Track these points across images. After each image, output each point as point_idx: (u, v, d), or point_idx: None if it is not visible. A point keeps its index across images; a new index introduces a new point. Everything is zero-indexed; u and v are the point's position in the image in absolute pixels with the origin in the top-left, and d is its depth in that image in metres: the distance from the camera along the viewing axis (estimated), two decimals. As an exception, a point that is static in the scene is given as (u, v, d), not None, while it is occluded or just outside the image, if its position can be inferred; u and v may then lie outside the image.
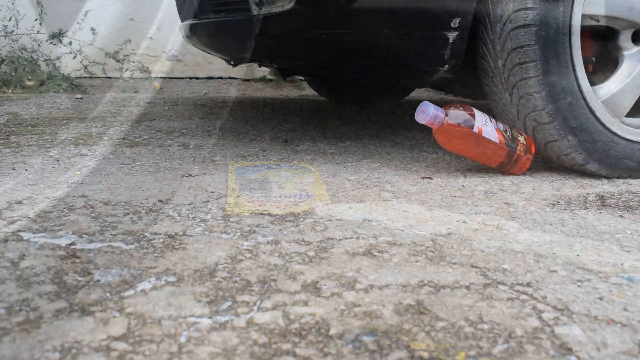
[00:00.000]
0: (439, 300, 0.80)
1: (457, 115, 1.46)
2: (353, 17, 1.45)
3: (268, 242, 1.00)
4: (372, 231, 1.08)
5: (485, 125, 1.46)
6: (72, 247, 0.95)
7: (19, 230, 1.02)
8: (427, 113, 1.44)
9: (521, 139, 1.53)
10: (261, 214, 1.17)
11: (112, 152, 1.74)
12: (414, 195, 1.37)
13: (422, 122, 1.44)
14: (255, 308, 0.75)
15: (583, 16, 1.47)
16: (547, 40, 1.44)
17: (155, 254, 0.93)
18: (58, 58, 3.81)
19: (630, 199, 1.40)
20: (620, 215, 1.25)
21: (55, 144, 1.85)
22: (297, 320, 0.73)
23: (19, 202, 1.19)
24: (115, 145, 1.85)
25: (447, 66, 1.50)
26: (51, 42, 3.81)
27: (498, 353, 0.67)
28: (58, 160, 1.62)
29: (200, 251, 0.95)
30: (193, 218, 1.12)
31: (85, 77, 4.09)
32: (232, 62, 2.09)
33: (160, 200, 1.24)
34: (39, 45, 3.89)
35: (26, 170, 1.49)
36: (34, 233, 1.01)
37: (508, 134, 1.51)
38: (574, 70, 1.48)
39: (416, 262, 0.94)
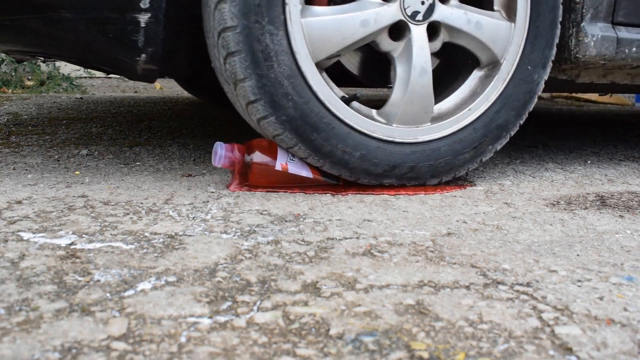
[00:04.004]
0: (439, 300, 0.80)
1: (255, 154, 1.32)
2: (31, 1, 1.23)
3: (268, 242, 1.00)
4: (372, 231, 1.08)
5: (291, 162, 1.33)
6: (72, 247, 0.95)
7: (19, 230, 1.02)
8: (220, 157, 1.31)
9: None
10: (261, 214, 1.17)
11: (112, 152, 1.74)
12: (413, 195, 1.37)
13: (218, 165, 1.31)
14: (255, 308, 0.75)
15: (318, 64, 1.28)
16: (295, 123, 1.26)
17: (155, 254, 0.93)
18: (58, 58, 3.81)
19: (630, 199, 1.40)
20: (620, 215, 1.25)
21: (55, 144, 1.85)
22: (297, 320, 0.73)
23: (19, 202, 1.19)
24: (115, 145, 1.85)
25: (144, 55, 1.27)
26: (51, 42, 3.80)
27: (498, 353, 0.67)
28: (58, 160, 1.62)
29: (200, 251, 0.95)
30: (193, 218, 1.12)
31: (85, 77, 4.09)
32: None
33: (160, 200, 1.24)
34: (39, 45, 3.89)
35: (26, 170, 1.49)
36: (34, 233, 1.01)
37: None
38: (346, 125, 1.30)
39: (416, 262, 0.94)
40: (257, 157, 1.31)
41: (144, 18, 1.23)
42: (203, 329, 0.70)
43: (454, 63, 1.53)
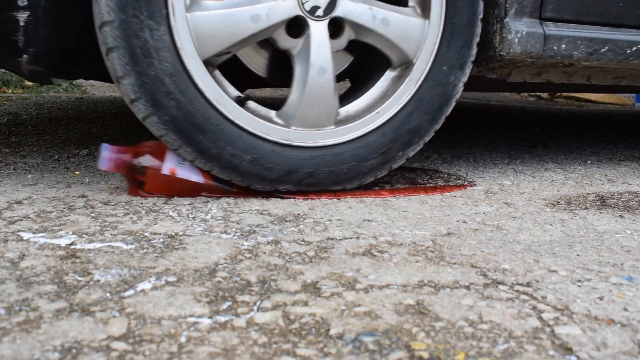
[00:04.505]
0: (439, 300, 0.80)
1: (144, 157, 1.24)
2: None
3: (268, 242, 1.00)
4: (372, 231, 1.08)
5: (180, 166, 1.24)
6: (72, 247, 0.95)
7: (19, 230, 1.02)
8: (103, 159, 1.23)
9: None
10: (261, 214, 1.17)
11: (112, 152, 1.74)
12: (413, 195, 1.37)
13: (102, 168, 1.23)
14: (255, 308, 0.75)
15: (207, 61, 1.19)
16: (178, 124, 1.18)
17: (155, 254, 0.93)
18: (58, 58, 3.81)
19: (630, 199, 1.40)
20: (620, 215, 1.25)
21: (55, 144, 1.85)
22: (297, 320, 0.73)
23: (19, 202, 1.19)
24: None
25: (25, 56, 1.20)
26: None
27: (498, 353, 0.67)
28: (58, 160, 1.62)
29: (200, 251, 0.95)
30: (193, 218, 1.12)
31: (85, 77, 4.09)
32: None
33: (160, 200, 1.24)
34: (39, 45, 3.89)
35: (26, 170, 1.49)
36: (34, 233, 1.01)
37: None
38: (237, 126, 1.22)
39: (416, 262, 0.94)
40: (146, 160, 1.24)
41: (22, 16, 1.16)
42: (203, 329, 0.70)
43: (370, 62, 1.42)
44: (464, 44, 1.36)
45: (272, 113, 1.29)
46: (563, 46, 1.48)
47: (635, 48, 1.56)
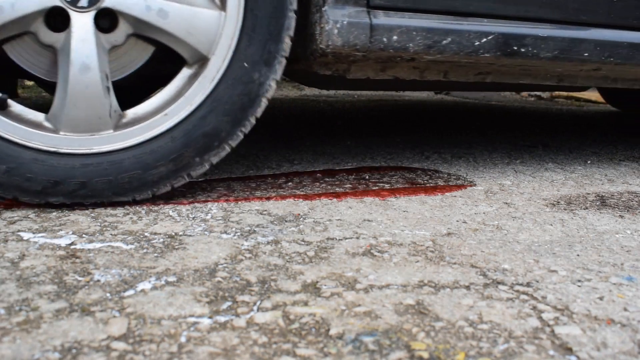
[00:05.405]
0: (439, 300, 0.80)
1: None
2: None
3: (268, 242, 1.00)
4: (372, 231, 1.08)
5: None
6: (72, 247, 0.95)
7: (19, 230, 1.02)
8: None
9: None
10: (261, 214, 1.17)
11: (112, 152, 1.74)
12: (413, 195, 1.37)
13: None
14: (255, 308, 0.75)
15: None
16: None
17: (155, 254, 0.93)
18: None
19: (630, 199, 1.40)
20: (620, 215, 1.25)
21: (55, 144, 1.85)
22: (297, 320, 0.73)
23: (19, 202, 1.19)
24: (115, 145, 1.85)
25: None
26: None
27: (498, 353, 0.67)
28: (58, 160, 1.62)
29: (200, 251, 0.95)
30: (193, 218, 1.12)
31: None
32: None
33: (161, 200, 1.24)
34: (39, 45, 3.88)
35: (26, 170, 1.49)
36: (34, 233, 1.01)
37: None
38: None
39: (416, 262, 0.94)
40: None
41: None
42: (203, 329, 0.70)
43: (174, 58, 1.28)
44: (270, 37, 1.21)
45: (41, 117, 1.17)
46: (395, 37, 1.30)
47: (485, 40, 1.37)
